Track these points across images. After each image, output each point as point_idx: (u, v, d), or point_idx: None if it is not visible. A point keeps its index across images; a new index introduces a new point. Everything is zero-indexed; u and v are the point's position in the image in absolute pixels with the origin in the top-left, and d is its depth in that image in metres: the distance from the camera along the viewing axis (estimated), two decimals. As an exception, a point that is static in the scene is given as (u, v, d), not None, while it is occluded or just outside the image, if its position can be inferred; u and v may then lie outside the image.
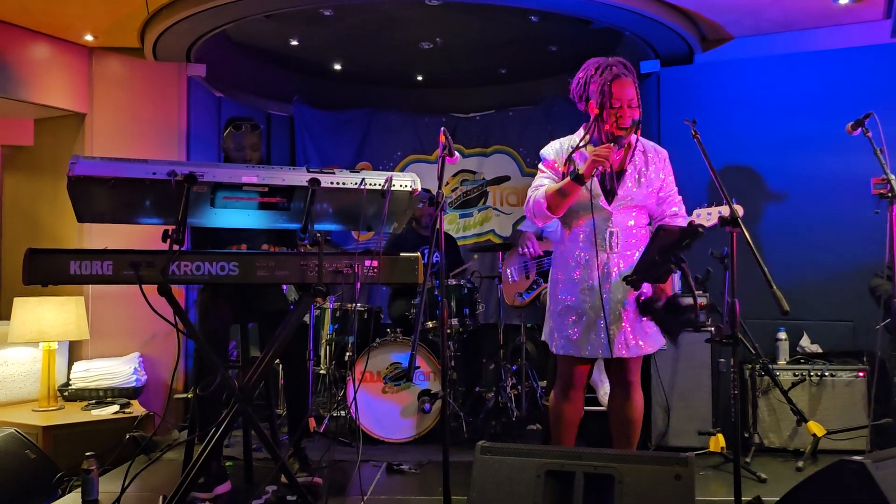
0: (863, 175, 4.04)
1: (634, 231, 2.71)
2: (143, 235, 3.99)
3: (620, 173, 2.68)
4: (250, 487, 3.23)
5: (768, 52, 4.45)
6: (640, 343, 2.69)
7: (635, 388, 2.79)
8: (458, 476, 2.52)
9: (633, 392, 2.78)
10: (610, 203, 2.66)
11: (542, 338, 2.90)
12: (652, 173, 2.72)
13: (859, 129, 3.18)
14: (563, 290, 2.73)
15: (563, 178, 2.63)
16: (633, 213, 2.71)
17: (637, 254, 2.68)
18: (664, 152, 2.79)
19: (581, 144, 2.67)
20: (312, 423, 3.93)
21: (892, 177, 3.09)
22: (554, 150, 2.75)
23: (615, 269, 2.66)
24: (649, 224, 2.80)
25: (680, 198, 2.84)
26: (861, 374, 3.76)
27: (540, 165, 2.78)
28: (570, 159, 2.65)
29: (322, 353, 4.45)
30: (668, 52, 4.60)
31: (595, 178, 2.62)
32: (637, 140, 2.68)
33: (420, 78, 5.86)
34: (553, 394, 2.87)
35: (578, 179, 2.52)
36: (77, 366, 4.26)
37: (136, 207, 2.41)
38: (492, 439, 3.12)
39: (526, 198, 2.74)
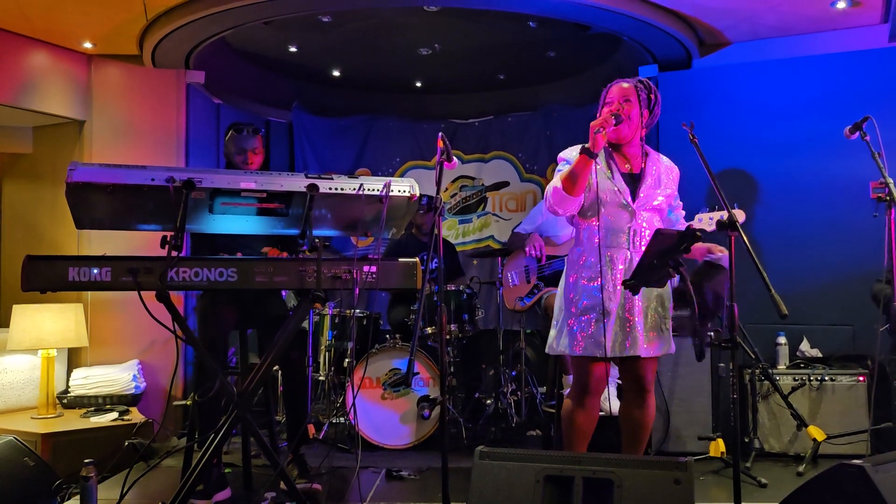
0: (861, 179, 4.06)
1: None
2: (141, 242, 4.00)
3: (640, 176, 2.77)
4: (249, 494, 3.23)
5: (766, 57, 4.47)
6: (659, 343, 2.72)
7: (650, 392, 2.81)
8: (458, 482, 2.51)
9: (647, 397, 2.81)
10: (633, 202, 2.72)
11: (552, 348, 2.82)
12: (666, 178, 2.82)
13: (857, 133, 3.20)
14: (584, 290, 2.71)
15: None
16: (653, 215, 2.78)
17: None
18: (677, 168, 2.90)
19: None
20: (311, 429, 3.93)
21: (891, 180, 3.10)
22: (570, 155, 2.81)
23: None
24: None
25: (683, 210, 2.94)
26: (861, 378, 3.75)
27: (558, 167, 2.82)
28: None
29: (321, 360, 4.44)
30: (666, 57, 4.62)
31: (621, 178, 2.72)
32: (644, 148, 2.81)
33: (419, 84, 5.87)
34: (567, 401, 2.84)
35: (587, 152, 2.56)
36: (76, 373, 4.26)
37: (135, 214, 2.41)
38: (491, 445, 3.10)
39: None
